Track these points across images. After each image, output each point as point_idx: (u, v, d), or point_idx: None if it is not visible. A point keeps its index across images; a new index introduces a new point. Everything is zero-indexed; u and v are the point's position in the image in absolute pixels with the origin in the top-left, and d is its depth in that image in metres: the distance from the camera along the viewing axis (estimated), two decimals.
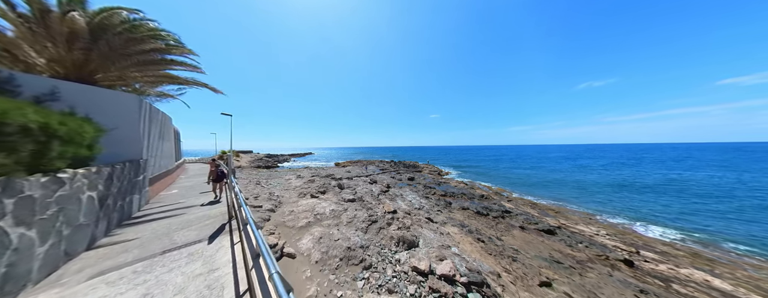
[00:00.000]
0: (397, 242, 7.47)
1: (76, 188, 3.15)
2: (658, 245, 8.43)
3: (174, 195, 7.74)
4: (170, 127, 10.64)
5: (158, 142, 8.23)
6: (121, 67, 5.93)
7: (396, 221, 9.26)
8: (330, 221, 8.28)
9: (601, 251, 7.35)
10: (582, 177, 27.99)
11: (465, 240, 8.25)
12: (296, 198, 10.68)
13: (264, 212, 8.04)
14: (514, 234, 9.11)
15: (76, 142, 3.29)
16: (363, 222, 8.53)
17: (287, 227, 7.31)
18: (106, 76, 6.48)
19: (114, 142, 5.02)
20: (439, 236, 8.51)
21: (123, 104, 5.51)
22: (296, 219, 7.94)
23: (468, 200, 15.00)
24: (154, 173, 7.60)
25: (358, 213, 9.30)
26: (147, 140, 6.91)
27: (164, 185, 8.75)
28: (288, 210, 8.74)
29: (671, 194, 17.77)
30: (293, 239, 6.63)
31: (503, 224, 10.33)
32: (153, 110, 7.74)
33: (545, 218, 11.66)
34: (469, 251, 7.39)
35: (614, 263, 6.56)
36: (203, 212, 5.47)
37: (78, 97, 4.57)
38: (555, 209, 13.59)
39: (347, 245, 6.51)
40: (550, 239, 8.50)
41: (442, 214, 11.58)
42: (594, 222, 11.41)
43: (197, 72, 7.30)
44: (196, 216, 5.17)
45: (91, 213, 3.47)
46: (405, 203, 12.77)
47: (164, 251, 3.31)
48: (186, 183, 10.66)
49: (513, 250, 7.40)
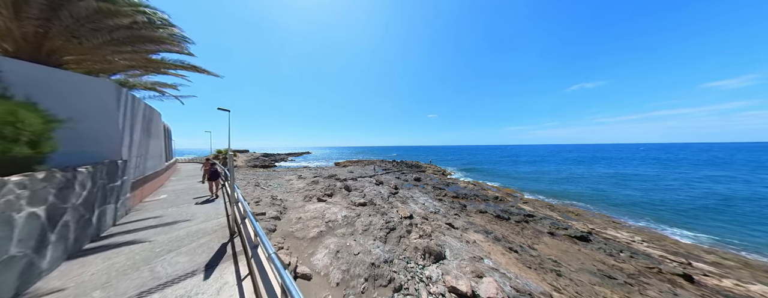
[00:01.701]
0: (423, 254, 6.55)
1: (3, 204, 2.10)
2: (701, 253, 7.73)
3: (162, 202, 6.63)
4: (159, 124, 9.45)
5: (143, 139, 7.08)
6: (93, 48, 4.79)
7: (415, 228, 8.34)
8: (344, 229, 7.29)
9: (649, 262, 6.58)
10: (584, 175, 27.63)
11: (495, 250, 7.38)
12: (302, 202, 9.64)
13: (268, 220, 6.99)
14: (545, 241, 8.29)
15: (7, 137, 2.23)
16: (380, 230, 7.57)
17: (297, 238, 6.29)
18: (79, 60, 5.32)
19: (81, 139, 3.94)
20: (466, 245, 7.62)
21: (93, 92, 4.39)
22: (306, 228, 6.92)
23: (482, 201, 14.18)
24: (137, 175, 6.47)
25: (373, 219, 8.33)
26: (129, 137, 5.79)
27: (151, 189, 7.61)
28: (295, 217, 7.72)
29: (672, 192, 17.40)
30: (306, 253, 5.62)
31: (529, 229, 9.51)
32: (136, 102, 6.60)
33: (569, 221, 10.91)
34: (505, 263, 6.52)
35: (672, 278, 5.77)
36: (197, 226, 4.43)
37: (27, 78, 3.47)
38: (574, 212, 12.88)
39: (370, 260, 5.55)
40: (586, 247, 7.71)
41: (461, 218, 10.70)
42: (621, 225, 10.70)
43: (187, 55, 6.18)
44: (188, 231, 4.13)
45: (32, 238, 2.42)
46: (419, 207, 11.86)
47: (141, 294, 2.31)
48: (177, 186, 9.50)
49: (553, 262, 6.56)
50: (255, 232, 2.81)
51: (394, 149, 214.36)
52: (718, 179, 24.02)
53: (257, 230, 2.66)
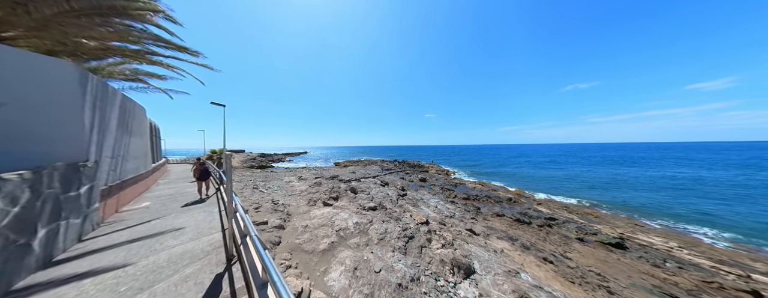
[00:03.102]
0: (451, 268, 5.69)
1: None
2: (746, 261, 7.07)
3: (144, 211, 5.60)
4: (143, 120, 8.37)
5: (121, 137, 6.04)
6: (46, 20, 3.76)
7: (435, 235, 7.49)
8: (357, 238, 6.38)
9: (704, 275, 5.85)
10: (588, 174, 27.25)
11: (528, 260, 6.57)
12: (306, 207, 8.68)
13: (271, 230, 6.04)
14: (577, 249, 7.53)
15: None
16: (398, 239, 6.69)
17: (305, 252, 5.36)
18: (29, 37, 4.25)
19: (20, 135, 2.94)
20: (494, 255, 6.80)
21: (43, 74, 3.38)
22: (315, 239, 5.99)
23: (496, 203, 13.43)
24: (113, 180, 5.44)
25: (388, 226, 7.44)
26: (99, 134, 4.77)
27: (132, 196, 6.57)
28: (301, 225, 6.77)
29: (673, 190, 17.00)
30: (317, 271, 4.69)
31: (555, 234, 8.75)
32: (112, 93, 5.56)
33: (591, 224, 10.22)
34: (544, 277, 5.71)
35: (738, 296, 5.05)
36: (183, 245, 3.47)
37: None
38: (593, 214, 12.21)
39: (395, 279, 4.67)
40: (625, 256, 6.97)
41: (479, 223, 9.90)
42: (646, 229, 10.04)
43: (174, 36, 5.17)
44: (171, 254, 3.17)
45: None
46: (432, 210, 11.01)
47: None
48: (165, 191, 8.43)
49: (598, 276, 5.78)
50: (263, 264, 1.89)
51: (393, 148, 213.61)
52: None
53: (267, 263, 1.76)
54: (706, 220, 11.03)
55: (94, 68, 6.31)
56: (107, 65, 6.61)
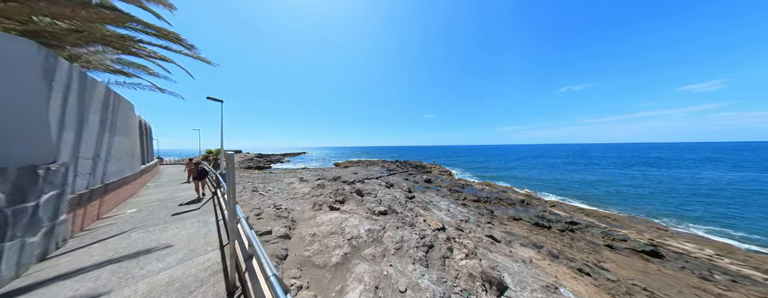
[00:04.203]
0: (482, 284, 5.02)
1: None
2: None
3: (127, 220, 4.82)
4: (131, 117, 7.58)
5: (102, 135, 5.27)
6: None
7: (455, 243, 6.82)
8: (372, 249, 5.67)
9: (761, 290, 5.25)
10: (592, 176, 26.81)
11: (562, 272, 5.92)
12: (312, 211, 7.95)
13: (276, 240, 5.30)
14: (609, 257, 6.91)
15: None
16: (417, 248, 6.00)
17: (316, 266, 4.63)
18: None
19: None
20: (523, 265, 6.14)
21: None
22: (325, 249, 5.26)
23: (509, 206, 12.80)
24: (92, 184, 4.67)
25: (404, 234, 6.74)
26: (72, 131, 4.01)
27: (115, 201, 5.79)
28: (308, 233, 6.04)
29: (678, 193, 16.57)
30: (333, 291, 3.98)
31: (580, 240, 8.13)
32: (90, 84, 4.79)
33: (614, 229, 9.63)
34: (585, 293, 5.06)
35: None
36: (171, 270, 2.73)
37: None
38: (611, 216, 11.64)
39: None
40: (666, 266, 6.35)
41: (496, 227, 9.25)
42: (672, 233, 9.48)
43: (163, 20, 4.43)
44: (153, 283, 2.42)
45: None
46: (444, 214, 10.34)
47: None
48: (154, 195, 7.61)
49: (645, 292, 5.14)
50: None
51: (392, 149, 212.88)
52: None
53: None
54: (727, 223, 10.50)
55: (71, 56, 5.53)
56: (87, 54, 5.82)
